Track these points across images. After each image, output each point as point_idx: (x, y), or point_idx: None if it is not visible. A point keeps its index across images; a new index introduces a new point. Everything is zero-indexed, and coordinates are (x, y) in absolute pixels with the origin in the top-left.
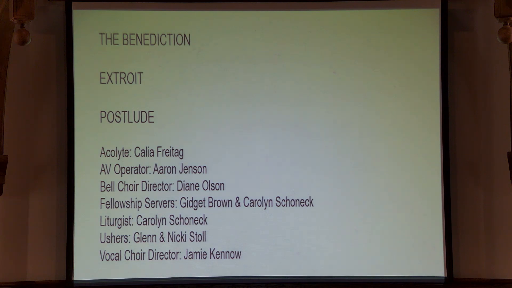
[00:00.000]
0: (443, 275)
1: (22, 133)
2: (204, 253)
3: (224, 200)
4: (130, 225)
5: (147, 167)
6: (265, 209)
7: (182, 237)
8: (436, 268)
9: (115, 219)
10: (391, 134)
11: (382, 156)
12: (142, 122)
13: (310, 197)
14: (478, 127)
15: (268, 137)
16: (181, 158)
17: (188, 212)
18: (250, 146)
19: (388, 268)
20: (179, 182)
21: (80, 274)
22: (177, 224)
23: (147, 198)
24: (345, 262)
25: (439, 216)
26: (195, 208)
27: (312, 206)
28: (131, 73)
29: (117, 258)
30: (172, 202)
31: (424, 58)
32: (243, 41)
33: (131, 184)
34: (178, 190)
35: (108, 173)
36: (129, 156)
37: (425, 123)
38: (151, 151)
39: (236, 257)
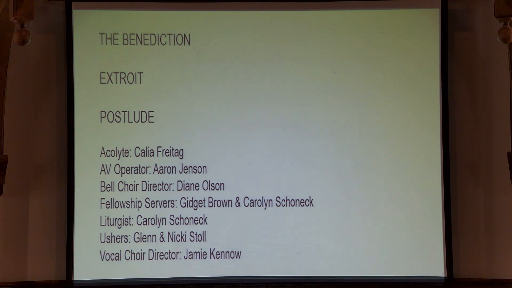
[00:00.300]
0: (443, 275)
1: (22, 133)
2: (204, 253)
3: (224, 200)
4: (130, 225)
5: (147, 167)
6: (265, 209)
7: (182, 237)
8: (436, 268)
9: (115, 219)
10: (391, 134)
11: (382, 156)
12: (142, 122)
13: (310, 197)
14: (478, 127)
15: (268, 137)
16: (181, 158)
17: (188, 212)
18: (250, 146)
19: (388, 268)
20: (179, 182)
21: (80, 274)
22: (177, 224)
23: (147, 198)
24: (345, 262)
25: (439, 216)
26: (195, 208)
27: (312, 206)
28: (131, 73)
29: (117, 258)
30: (172, 202)
31: (424, 58)
32: (243, 41)
33: (131, 184)
34: (178, 190)
35: (108, 173)
36: (129, 156)
37: (425, 123)
38: (151, 151)
39: (236, 257)
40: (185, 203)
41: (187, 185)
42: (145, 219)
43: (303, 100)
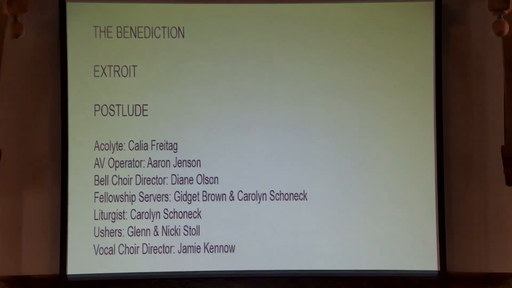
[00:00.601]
0: (436, 269)
1: (15, 127)
2: (198, 247)
3: (218, 194)
4: (124, 219)
5: (141, 161)
6: (259, 203)
7: (176, 231)
8: (429, 263)
9: (109, 213)
10: (388, 132)
11: (380, 154)
12: (136, 115)
13: (304, 191)
14: (472, 120)
15: (264, 133)
16: (175, 152)
17: (182, 206)
18: (245, 140)
19: (381, 262)
20: (173, 176)
21: (74, 268)
22: (171, 218)
23: (141, 192)
24: (339, 256)
25: (433, 210)
26: (189, 202)
27: (306, 200)
28: (125, 66)
29: (111, 252)
30: (166, 196)
31: (417, 52)
32: (239, 35)
33: (125, 178)
34: (172, 184)
35: (102, 167)
36: (123, 149)
37: (418, 118)
38: (145, 144)
39: (230, 251)
40: (179, 197)
41: (181, 179)
42: (139, 213)
43: (302, 97)
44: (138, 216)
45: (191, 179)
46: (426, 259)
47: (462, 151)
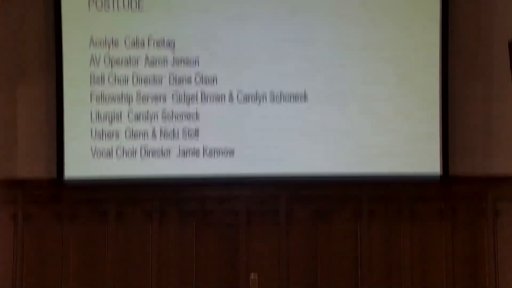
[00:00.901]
0: (438, 172)
1: (8, 23)
2: (197, 151)
3: (217, 95)
4: (121, 121)
5: (137, 58)
6: (259, 104)
7: (174, 134)
8: (431, 165)
9: (106, 113)
10: (389, 24)
11: (379, 48)
12: (131, 9)
13: (304, 90)
14: (479, 12)
15: (264, 27)
16: (172, 50)
17: (180, 107)
18: (245, 35)
19: (382, 165)
20: (170, 75)
21: (71, 171)
22: (169, 119)
23: (138, 91)
24: (339, 159)
25: (436, 110)
26: (187, 103)
27: (307, 101)
28: None
29: (108, 155)
30: (164, 96)
31: None
32: None
33: (121, 77)
34: (169, 84)
35: (97, 65)
36: (118, 46)
37: (424, 10)
38: (142, 40)
39: (230, 155)
40: (177, 97)
41: (179, 78)
42: (136, 114)
43: None
44: (136, 118)
45: (189, 78)
46: (428, 162)
47: (467, 45)
